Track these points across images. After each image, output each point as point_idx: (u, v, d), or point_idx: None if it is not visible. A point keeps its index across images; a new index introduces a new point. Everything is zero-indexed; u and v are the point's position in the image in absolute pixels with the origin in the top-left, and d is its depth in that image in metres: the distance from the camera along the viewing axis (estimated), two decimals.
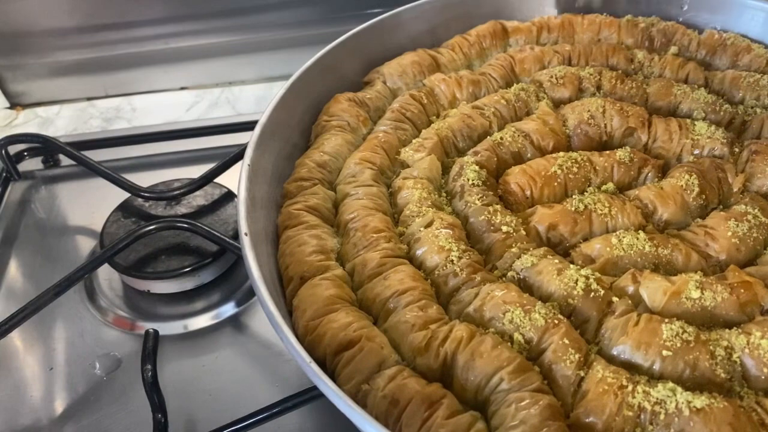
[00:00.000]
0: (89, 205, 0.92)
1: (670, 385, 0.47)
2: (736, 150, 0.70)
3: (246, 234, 0.57)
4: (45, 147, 0.96)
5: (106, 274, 0.81)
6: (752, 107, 0.75)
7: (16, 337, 0.75)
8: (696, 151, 0.70)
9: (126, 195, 0.87)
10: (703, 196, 0.65)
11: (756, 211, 0.62)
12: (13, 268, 0.86)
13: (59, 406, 0.69)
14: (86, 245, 0.87)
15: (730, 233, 0.60)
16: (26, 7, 1.06)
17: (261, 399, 0.63)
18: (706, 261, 0.60)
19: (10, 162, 0.95)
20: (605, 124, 0.73)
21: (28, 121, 1.13)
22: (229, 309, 0.77)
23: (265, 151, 0.67)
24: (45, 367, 0.73)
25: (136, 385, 0.66)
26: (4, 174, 0.96)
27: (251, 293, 0.79)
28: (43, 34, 1.09)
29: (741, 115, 0.74)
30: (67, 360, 0.73)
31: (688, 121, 0.72)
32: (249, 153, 0.65)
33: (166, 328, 0.74)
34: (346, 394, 0.47)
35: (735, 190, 0.66)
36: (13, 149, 0.96)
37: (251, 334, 0.75)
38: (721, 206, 0.66)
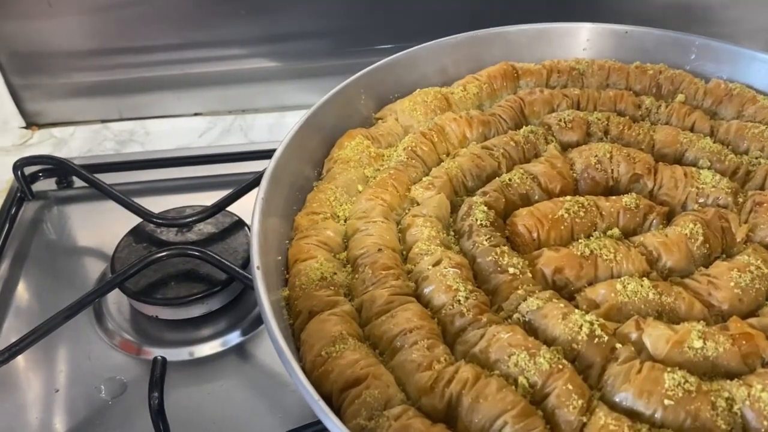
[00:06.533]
0: (100, 228, 0.94)
1: None
2: (740, 200, 0.71)
3: (258, 268, 0.58)
4: (59, 168, 0.98)
5: (115, 298, 0.82)
6: (756, 158, 0.76)
7: (23, 357, 0.75)
8: (701, 200, 0.71)
9: (138, 219, 0.88)
10: (707, 246, 0.66)
11: (759, 262, 0.63)
12: (23, 287, 0.87)
13: (63, 429, 0.69)
14: (96, 268, 0.88)
15: (732, 283, 0.61)
16: (46, 28, 1.08)
17: (263, 429, 0.64)
18: (709, 310, 0.60)
19: (25, 182, 0.97)
20: (612, 170, 0.74)
21: (43, 141, 1.14)
22: (234, 338, 0.78)
23: (279, 185, 0.69)
24: (51, 389, 0.73)
25: (141, 410, 0.67)
26: (19, 194, 0.97)
27: (257, 323, 0.80)
28: (61, 56, 1.12)
29: (745, 166, 0.75)
30: (73, 382, 0.74)
31: (694, 169, 0.74)
32: (263, 187, 0.66)
33: (172, 354, 0.75)
34: (351, 431, 0.48)
35: (738, 240, 0.67)
36: (28, 170, 0.98)
37: (256, 364, 0.76)
38: (724, 255, 0.67)
